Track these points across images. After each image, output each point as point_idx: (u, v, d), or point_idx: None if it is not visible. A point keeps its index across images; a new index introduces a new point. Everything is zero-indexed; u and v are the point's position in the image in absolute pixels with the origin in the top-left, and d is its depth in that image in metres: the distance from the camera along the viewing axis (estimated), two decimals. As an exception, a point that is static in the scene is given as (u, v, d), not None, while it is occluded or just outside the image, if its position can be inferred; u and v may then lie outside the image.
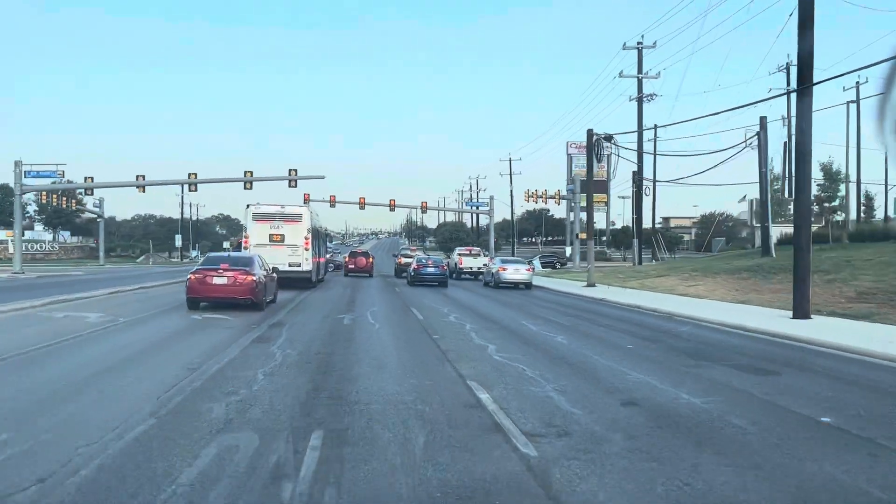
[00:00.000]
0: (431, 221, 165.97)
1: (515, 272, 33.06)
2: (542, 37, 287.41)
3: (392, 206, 69.82)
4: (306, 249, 27.88)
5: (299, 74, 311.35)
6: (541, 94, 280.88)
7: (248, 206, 28.22)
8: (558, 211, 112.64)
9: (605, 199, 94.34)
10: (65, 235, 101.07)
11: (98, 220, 77.93)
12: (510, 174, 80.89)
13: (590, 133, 33.81)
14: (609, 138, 30.90)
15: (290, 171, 51.12)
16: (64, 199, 70.56)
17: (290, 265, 27.50)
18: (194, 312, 17.38)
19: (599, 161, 32.49)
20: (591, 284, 33.16)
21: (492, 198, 75.82)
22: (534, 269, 34.78)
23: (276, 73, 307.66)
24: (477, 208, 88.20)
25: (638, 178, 52.44)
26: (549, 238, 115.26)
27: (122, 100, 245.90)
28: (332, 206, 66.13)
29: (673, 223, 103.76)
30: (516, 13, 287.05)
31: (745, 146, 37.84)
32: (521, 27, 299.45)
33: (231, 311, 17.62)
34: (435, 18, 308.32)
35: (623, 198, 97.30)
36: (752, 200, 47.10)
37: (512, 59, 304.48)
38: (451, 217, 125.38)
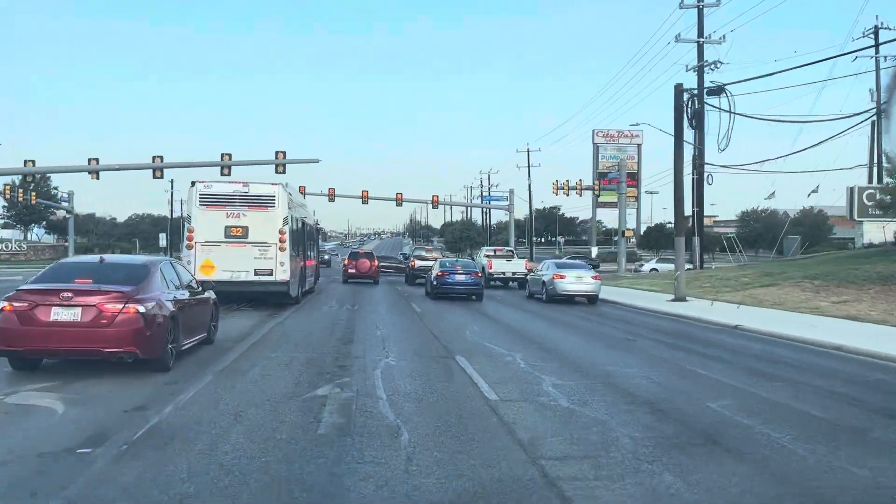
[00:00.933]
0: (436, 221, 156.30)
1: (578, 281, 23.86)
2: (554, 31, 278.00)
3: (399, 201, 60.94)
4: (282, 250, 18.53)
5: (299, 72, 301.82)
6: (553, 89, 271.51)
7: (192, 183, 18.79)
8: (570, 210, 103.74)
9: (636, 194, 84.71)
10: (39, 234, 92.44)
11: (67, 216, 69.15)
12: (528, 166, 71.35)
13: (678, 88, 24.56)
14: (719, 91, 21.60)
15: (277, 153, 41.73)
16: (21, 191, 61.76)
17: (257, 273, 18.29)
18: (11, 382, 8.24)
19: (694, 127, 23.23)
20: (680, 298, 23.97)
21: (511, 191, 66.80)
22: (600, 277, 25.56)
23: (274, 69, 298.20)
24: (489, 203, 79.04)
25: (699, 162, 43.27)
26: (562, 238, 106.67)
27: (122, 99, 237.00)
28: (332, 200, 57.39)
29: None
30: (524, 8, 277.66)
31: (871, 116, 28.77)
32: (529, 23, 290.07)
33: (99, 374, 8.53)
34: (441, 14, 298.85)
35: (651, 193, 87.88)
36: (851, 188, 37.90)
37: (515, 56, 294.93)
38: (457, 216, 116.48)
